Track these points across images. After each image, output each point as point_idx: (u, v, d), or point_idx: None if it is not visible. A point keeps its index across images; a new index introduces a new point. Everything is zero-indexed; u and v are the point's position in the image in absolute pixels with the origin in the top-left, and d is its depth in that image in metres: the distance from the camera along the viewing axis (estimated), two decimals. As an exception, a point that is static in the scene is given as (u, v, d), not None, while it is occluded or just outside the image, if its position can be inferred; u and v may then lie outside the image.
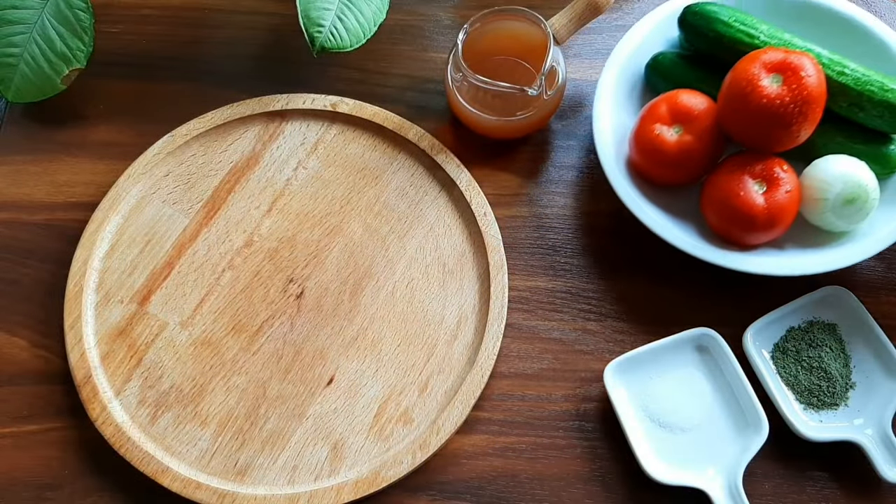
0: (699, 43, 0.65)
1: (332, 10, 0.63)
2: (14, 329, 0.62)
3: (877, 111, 0.60)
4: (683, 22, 0.66)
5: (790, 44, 0.62)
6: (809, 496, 0.57)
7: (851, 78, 0.60)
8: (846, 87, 0.60)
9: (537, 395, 0.61)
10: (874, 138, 0.62)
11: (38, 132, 0.69)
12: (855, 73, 0.61)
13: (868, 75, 0.61)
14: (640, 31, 0.68)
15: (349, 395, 0.59)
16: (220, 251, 0.64)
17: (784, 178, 0.58)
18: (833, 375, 0.59)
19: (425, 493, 0.57)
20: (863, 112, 0.61)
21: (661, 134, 0.61)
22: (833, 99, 0.60)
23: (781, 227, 0.59)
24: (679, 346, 0.60)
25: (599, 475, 0.58)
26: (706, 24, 0.64)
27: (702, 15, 0.64)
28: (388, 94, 0.71)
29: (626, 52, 0.67)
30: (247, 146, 0.68)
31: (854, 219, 0.59)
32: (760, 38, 0.62)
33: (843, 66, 0.61)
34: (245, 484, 0.57)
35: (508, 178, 0.68)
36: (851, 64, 0.61)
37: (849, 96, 0.61)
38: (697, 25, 0.64)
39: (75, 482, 0.57)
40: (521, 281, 0.64)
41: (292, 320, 0.62)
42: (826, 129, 0.61)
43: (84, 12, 0.65)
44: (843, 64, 0.61)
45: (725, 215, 0.59)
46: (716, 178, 0.60)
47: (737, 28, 0.63)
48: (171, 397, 0.59)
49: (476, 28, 0.65)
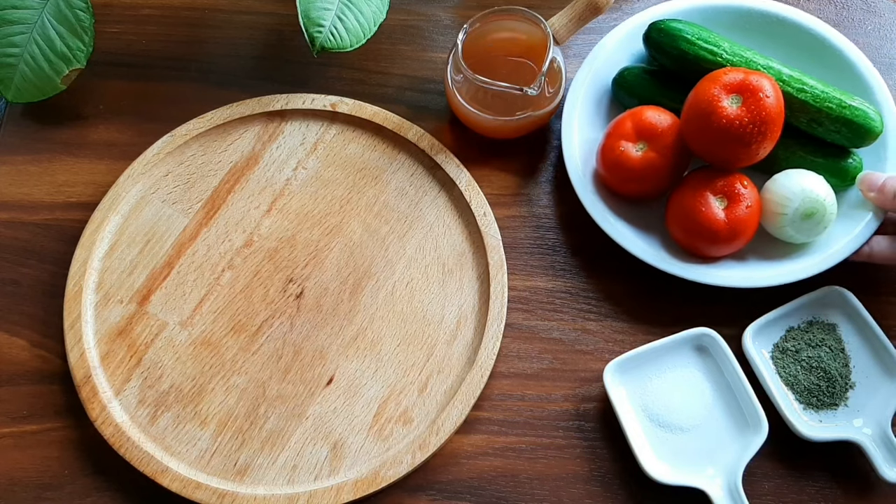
0: (664, 59, 0.67)
1: (332, 10, 0.63)
2: (14, 329, 0.62)
3: (834, 127, 0.62)
4: (648, 38, 0.67)
5: (751, 62, 0.64)
6: (809, 496, 0.57)
7: (811, 95, 0.62)
8: (806, 103, 0.62)
9: (537, 395, 0.61)
10: (833, 152, 0.64)
11: (38, 132, 0.69)
12: (814, 90, 0.63)
13: (826, 92, 0.63)
14: (609, 44, 0.69)
15: (349, 394, 0.59)
16: (220, 251, 0.64)
17: (745, 193, 0.60)
18: (833, 375, 0.59)
19: (425, 493, 0.57)
20: (821, 127, 0.63)
21: (627, 150, 0.62)
22: (793, 114, 0.63)
23: (742, 241, 0.61)
24: (679, 346, 0.60)
25: (599, 475, 0.58)
26: (670, 41, 0.65)
27: (666, 32, 0.65)
28: (388, 94, 0.71)
29: (594, 65, 0.69)
30: (246, 146, 0.68)
31: (812, 232, 0.61)
32: (723, 56, 0.64)
33: (802, 83, 0.63)
34: (245, 484, 0.57)
35: (508, 178, 0.68)
36: (811, 81, 0.63)
37: (808, 112, 0.63)
38: (662, 42, 0.66)
39: (75, 482, 0.57)
40: (520, 281, 0.64)
41: (292, 320, 0.62)
42: (787, 143, 0.63)
43: (84, 12, 0.65)
44: (802, 81, 0.63)
45: (689, 230, 0.61)
46: (679, 195, 0.62)
47: (700, 46, 0.64)
48: (171, 397, 0.59)
49: (476, 28, 0.65)
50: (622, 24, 0.70)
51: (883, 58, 0.73)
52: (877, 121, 0.63)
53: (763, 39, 0.69)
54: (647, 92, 0.67)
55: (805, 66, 0.66)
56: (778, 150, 0.62)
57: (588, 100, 0.68)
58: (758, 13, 0.70)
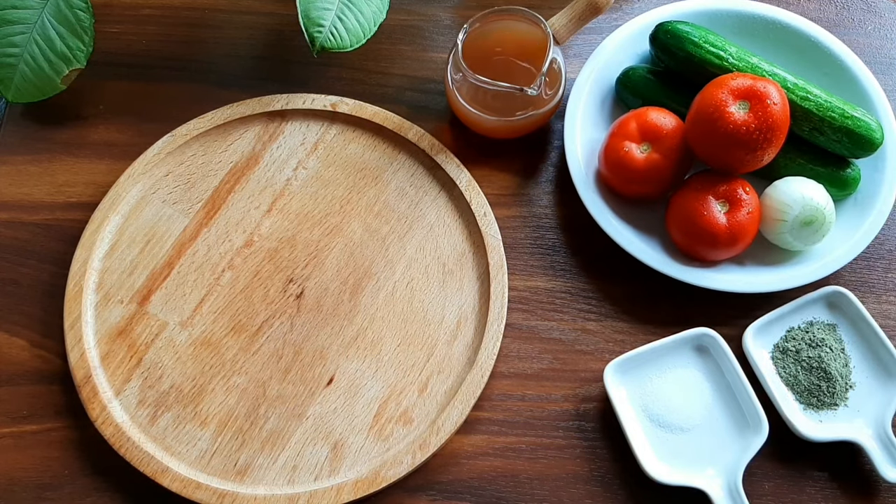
0: (669, 61, 0.67)
1: (332, 10, 0.63)
2: (14, 329, 0.62)
3: (836, 136, 0.63)
4: (655, 39, 0.67)
5: (757, 68, 0.64)
6: (809, 496, 0.57)
7: (814, 104, 0.63)
8: (809, 112, 0.63)
9: (537, 395, 0.61)
10: (833, 161, 0.64)
11: (38, 132, 0.69)
12: (818, 99, 0.63)
13: (830, 102, 0.63)
14: (612, 44, 0.69)
15: (349, 395, 0.59)
16: (220, 251, 0.64)
17: (746, 199, 0.60)
18: (833, 375, 0.59)
19: (425, 493, 0.57)
20: (823, 136, 0.63)
21: (631, 151, 0.62)
22: (796, 122, 0.63)
23: (742, 245, 0.61)
24: (679, 347, 0.60)
25: (599, 475, 0.58)
26: (677, 43, 0.65)
27: (673, 34, 0.66)
28: (388, 94, 0.71)
29: (597, 65, 0.69)
30: (247, 146, 0.68)
31: (811, 240, 0.61)
32: (729, 61, 0.64)
33: (806, 91, 0.63)
34: (245, 484, 0.57)
35: (508, 178, 0.68)
36: (815, 90, 0.63)
37: (811, 121, 0.63)
38: (669, 44, 0.66)
39: (75, 482, 0.57)
40: (520, 281, 0.64)
41: (292, 320, 0.62)
42: (788, 151, 0.64)
43: (84, 12, 0.65)
44: (806, 90, 0.63)
45: (689, 233, 0.61)
46: (681, 197, 0.62)
47: (707, 49, 0.64)
48: (171, 397, 0.59)
49: (476, 28, 0.65)
50: (625, 24, 0.70)
51: (883, 58, 0.73)
52: (878, 132, 0.63)
53: (765, 44, 0.69)
54: (651, 93, 0.67)
55: (806, 73, 0.66)
56: (779, 157, 0.63)
57: (591, 100, 0.68)
58: (759, 18, 0.70)
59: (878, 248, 0.66)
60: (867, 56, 0.72)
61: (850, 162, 0.65)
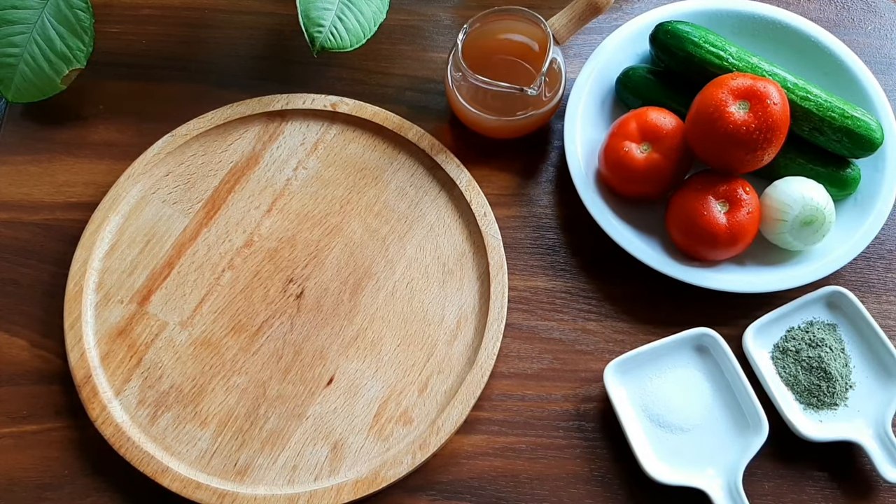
0: (669, 60, 0.67)
1: (332, 10, 0.63)
2: (14, 329, 0.62)
3: (836, 136, 0.63)
4: (655, 39, 0.67)
5: (758, 68, 0.64)
6: (809, 496, 0.57)
7: (814, 104, 0.63)
8: (809, 112, 0.63)
9: (537, 395, 0.61)
10: (833, 161, 0.64)
11: (38, 132, 0.69)
12: (818, 98, 0.63)
13: (830, 102, 0.63)
14: (612, 44, 0.69)
15: (349, 395, 0.59)
16: (220, 251, 0.64)
17: (746, 199, 0.60)
18: (833, 375, 0.59)
19: (425, 493, 0.57)
20: (823, 136, 0.63)
21: (631, 151, 0.62)
22: (796, 122, 0.63)
23: (742, 245, 0.61)
24: (679, 346, 0.60)
25: (599, 475, 0.58)
26: (677, 43, 0.65)
27: (674, 34, 0.66)
28: (388, 94, 0.71)
29: (597, 65, 0.69)
30: (247, 146, 0.68)
31: (811, 240, 0.61)
32: (729, 61, 0.64)
33: (806, 91, 0.63)
34: (245, 484, 0.57)
35: (508, 178, 0.68)
36: (815, 90, 0.63)
37: (811, 121, 0.63)
38: (669, 44, 0.66)
39: (75, 482, 0.57)
40: (520, 281, 0.64)
41: (292, 320, 0.62)
42: (788, 151, 0.64)
43: (84, 12, 0.65)
44: (806, 90, 0.63)
45: (689, 233, 0.61)
46: (681, 197, 0.62)
47: (707, 49, 0.64)
48: (171, 397, 0.59)
49: (476, 28, 0.65)
50: (625, 24, 0.70)
51: (883, 58, 0.73)
52: (878, 132, 0.63)
53: (765, 44, 0.69)
54: (651, 93, 0.67)
55: (806, 73, 0.66)
56: (779, 157, 0.63)
57: (591, 100, 0.68)
58: (759, 18, 0.70)
59: (878, 248, 0.66)
60: (867, 56, 0.72)
61: (850, 162, 0.65)
